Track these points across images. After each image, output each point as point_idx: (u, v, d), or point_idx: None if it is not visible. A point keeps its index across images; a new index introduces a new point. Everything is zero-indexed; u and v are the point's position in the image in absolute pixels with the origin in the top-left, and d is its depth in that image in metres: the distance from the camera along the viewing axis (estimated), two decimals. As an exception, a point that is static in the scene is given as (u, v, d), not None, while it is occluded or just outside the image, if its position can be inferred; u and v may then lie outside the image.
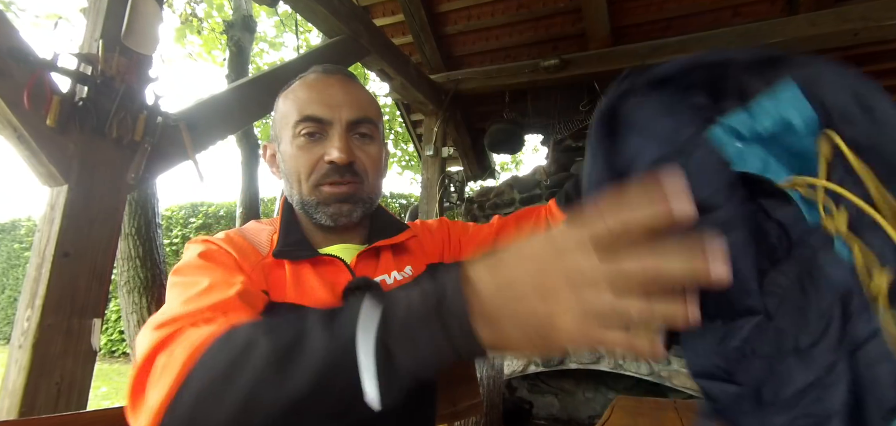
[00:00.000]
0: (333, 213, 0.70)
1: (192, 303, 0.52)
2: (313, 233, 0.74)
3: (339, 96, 0.70)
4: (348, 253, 0.72)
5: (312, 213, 0.70)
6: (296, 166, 0.69)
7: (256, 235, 0.70)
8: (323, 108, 0.69)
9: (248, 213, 4.70)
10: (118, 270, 3.49)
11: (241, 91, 2.01)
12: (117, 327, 7.37)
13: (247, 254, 0.65)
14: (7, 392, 1.21)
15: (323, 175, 0.69)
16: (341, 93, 0.70)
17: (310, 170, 0.69)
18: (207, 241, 0.65)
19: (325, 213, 0.70)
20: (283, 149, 0.72)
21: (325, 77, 0.72)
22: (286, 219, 0.73)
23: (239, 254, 0.64)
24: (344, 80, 0.73)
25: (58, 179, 1.30)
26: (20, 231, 9.02)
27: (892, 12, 2.41)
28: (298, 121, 0.68)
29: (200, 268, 0.59)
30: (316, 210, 0.70)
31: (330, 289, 0.66)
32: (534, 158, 15.87)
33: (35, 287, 1.26)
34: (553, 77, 3.20)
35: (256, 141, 5.07)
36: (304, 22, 5.52)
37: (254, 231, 0.71)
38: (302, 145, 0.69)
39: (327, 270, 0.68)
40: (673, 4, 2.99)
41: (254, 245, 0.68)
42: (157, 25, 1.51)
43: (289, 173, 0.71)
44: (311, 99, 0.69)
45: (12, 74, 1.20)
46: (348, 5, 2.53)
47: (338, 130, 0.68)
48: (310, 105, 0.69)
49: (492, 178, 4.73)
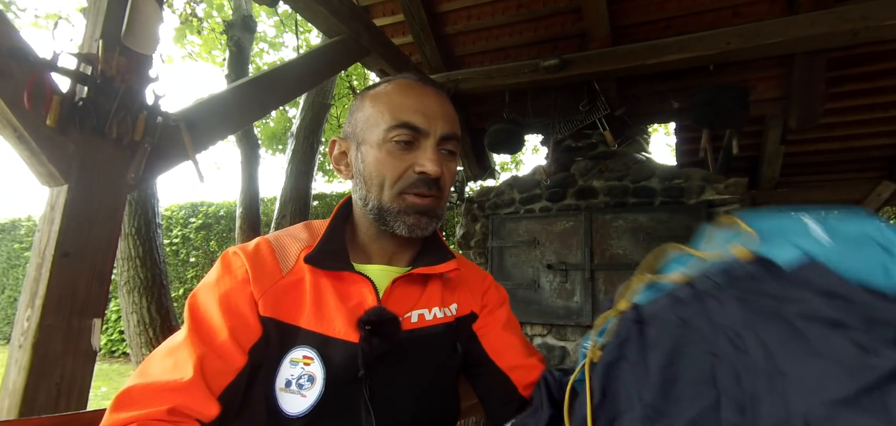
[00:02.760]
0: (412, 225, 0.68)
1: (162, 367, 0.57)
2: (362, 246, 0.73)
3: (436, 108, 0.68)
4: (386, 275, 0.71)
5: (390, 220, 0.68)
6: (382, 170, 0.67)
7: (288, 247, 0.69)
8: (420, 117, 0.67)
9: (248, 213, 4.70)
10: (118, 270, 3.49)
11: (241, 91, 2.01)
12: (117, 327, 7.37)
13: (264, 274, 0.65)
14: (7, 392, 1.21)
15: (410, 184, 0.67)
16: (437, 104, 0.69)
17: (397, 177, 0.67)
18: (225, 267, 0.66)
19: (404, 222, 0.68)
20: (366, 151, 0.69)
21: (421, 86, 0.70)
22: (334, 225, 0.72)
23: (256, 274, 0.64)
24: (438, 92, 0.71)
25: (58, 179, 1.30)
26: (20, 231, 9.02)
27: (892, 12, 2.41)
28: (394, 126, 0.66)
29: (200, 310, 0.62)
30: (395, 218, 0.68)
31: (349, 314, 0.64)
32: (534, 158, 15.87)
33: (35, 287, 1.26)
34: (553, 77, 3.20)
35: (256, 141, 5.07)
36: (304, 22, 5.52)
37: (289, 240, 0.70)
38: (392, 151, 0.67)
39: (353, 291, 0.67)
40: (673, 4, 2.99)
41: (279, 260, 0.67)
42: (157, 25, 1.51)
43: (370, 176, 0.68)
44: (407, 106, 0.67)
45: (12, 74, 1.20)
46: (348, 5, 2.53)
47: (432, 142, 0.67)
48: (407, 112, 0.67)
49: (492, 178, 4.73)
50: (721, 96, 3.00)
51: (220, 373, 0.58)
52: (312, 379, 0.62)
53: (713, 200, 3.17)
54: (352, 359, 0.62)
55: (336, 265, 0.67)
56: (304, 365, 0.62)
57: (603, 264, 3.32)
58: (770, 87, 3.32)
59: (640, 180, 3.43)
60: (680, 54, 2.89)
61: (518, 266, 3.58)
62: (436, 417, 0.70)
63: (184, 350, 0.58)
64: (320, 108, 4.77)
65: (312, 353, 0.63)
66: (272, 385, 0.62)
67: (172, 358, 0.58)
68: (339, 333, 0.63)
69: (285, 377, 0.62)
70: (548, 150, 4.04)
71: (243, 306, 0.63)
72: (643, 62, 2.99)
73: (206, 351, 0.58)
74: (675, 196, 3.29)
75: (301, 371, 0.62)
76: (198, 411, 0.55)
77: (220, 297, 0.62)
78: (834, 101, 3.38)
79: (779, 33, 2.67)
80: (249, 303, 0.63)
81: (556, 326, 3.42)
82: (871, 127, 3.67)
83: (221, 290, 0.63)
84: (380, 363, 0.64)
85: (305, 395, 0.61)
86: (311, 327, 0.64)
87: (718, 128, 3.56)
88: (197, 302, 0.63)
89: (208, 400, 0.56)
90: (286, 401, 0.61)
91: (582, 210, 3.49)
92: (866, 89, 3.30)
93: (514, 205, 3.80)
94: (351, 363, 0.62)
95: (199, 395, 0.56)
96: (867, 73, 3.17)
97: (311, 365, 0.62)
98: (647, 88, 3.53)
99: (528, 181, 3.82)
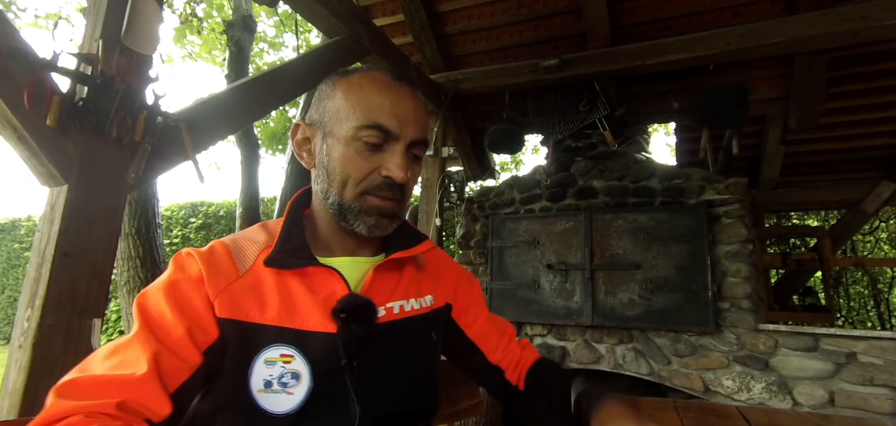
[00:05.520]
0: (373, 225, 0.67)
1: (107, 364, 0.54)
2: (324, 240, 0.71)
3: (409, 111, 0.66)
4: (355, 267, 0.70)
5: (350, 218, 0.67)
6: (346, 169, 0.65)
7: (245, 248, 0.67)
8: (393, 119, 0.65)
9: (248, 212, 4.70)
10: (118, 270, 3.49)
11: (241, 91, 2.01)
12: (117, 327, 7.37)
13: (219, 275, 0.63)
14: (7, 392, 1.21)
15: (375, 186, 0.66)
16: (411, 107, 0.67)
17: (362, 177, 0.65)
18: (178, 267, 0.64)
19: (364, 222, 0.67)
20: (332, 144, 0.66)
21: (396, 85, 0.67)
22: (290, 224, 0.69)
23: (210, 275, 0.62)
24: (413, 93, 0.69)
25: (58, 179, 1.30)
26: (20, 231, 9.02)
27: (892, 12, 2.41)
28: (365, 126, 0.64)
29: (151, 308, 0.60)
30: (356, 217, 0.67)
31: (322, 305, 0.63)
32: (534, 158, 15.88)
33: (35, 287, 1.26)
34: (553, 77, 3.20)
35: (256, 141, 5.07)
36: (304, 22, 5.52)
37: (247, 242, 0.68)
38: (360, 151, 0.65)
39: (322, 284, 0.65)
40: (673, 4, 2.99)
41: (236, 261, 0.65)
42: (157, 25, 1.51)
43: (334, 172, 0.66)
44: (381, 106, 0.65)
45: (12, 74, 1.20)
46: (348, 5, 2.53)
47: (401, 147, 0.66)
48: (381, 113, 0.64)
49: (492, 178, 4.73)
50: (721, 96, 3.00)
51: (174, 371, 0.56)
52: (297, 376, 0.61)
53: (713, 200, 3.17)
54: (333, 349, 0.62)
55: (299, 262, 0.65)
56: (283, 363, 0.61)
57: (603, 264, 3.32)
58: (770, 87, 3.32)
59: (640, 180, 3.43)
60: (680, 54, 2.89)
61: (518, 266, 3.58)
62: (419, 405, 0.71)
63: (134, 347, 0.56)
64: (320, 108, 4.76)
65: (291, 351, 0.61)
66: (246, 388, 0.60)
67: (119, 356, 0.55)
68: (316, 326, 0.62)
69: (262, 378, 0.60)
70: (548, 150, 4.04)
71: (198, 306, 0.61)
72: (643, 62, 2.99)
73: (160, 347, 0.56)
74: (675, 196, 3.29)
75: (281, 369, 0.60)
76: (149, 408, 0.53)
77: (173, 296, 0.60)
78: (834, 101, 3.38)
79: (779, 33, 2.67)
80: (204, 304, 0.61)
81: (556, 326, 3.42)
82: (871, 127, 3.67)
83: (175, 290, 0.61)
84: (363, 351, 0.64)
85: (292, 392, 0.60)
86: (284, 323, 0.62)
87: (718, 128, 3.57)
88: (147, 301, 0.60)
89: (161, 397, 0.54)
90: (270, 401, 0.59)
91: (582, 210, 3.49)
92: (866, 89, 3.30)
93: (514, 205, 3.80)
94: (332, 354, 0.61)
95: (152, 391, 0.54)
96: (867, 73, 3.18)
97: (292, 362, 0.61)
98: (647, 88, 3.53)
99: (528, 181, 3.82)
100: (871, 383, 2.59)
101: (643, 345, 3.17)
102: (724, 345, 2.97)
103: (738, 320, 2.96)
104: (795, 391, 2.75)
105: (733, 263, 3.03)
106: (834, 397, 2.66)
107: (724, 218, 3.13)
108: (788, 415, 1.42)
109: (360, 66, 0.70)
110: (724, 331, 2.98)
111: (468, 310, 0.86)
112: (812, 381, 2.72)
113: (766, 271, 4.39)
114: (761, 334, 2.88)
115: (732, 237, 3.07)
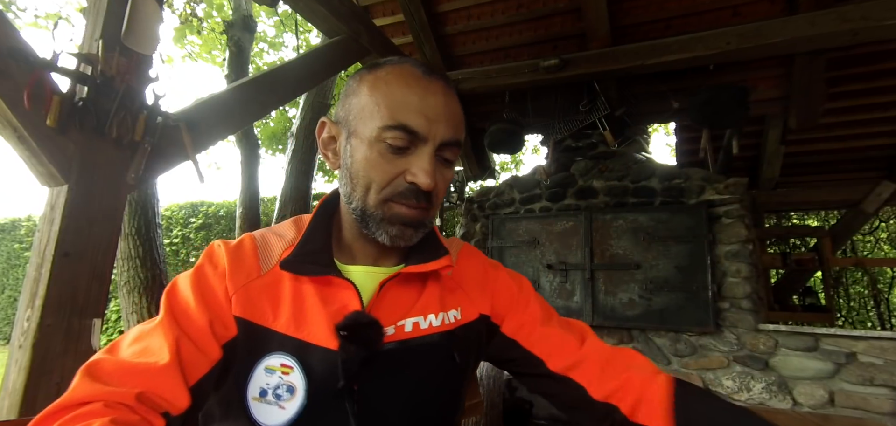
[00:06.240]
0: (395, 236, 0.62)
1: (132, 350, 0.54)
2: (347, 245, 0.68)
3: (440, 108, 0.60)
4: (370, 278, 0.65)
5: (372, 226, 0.62)
6: (369, 173, 0.60)
7: (273, 245, 0.65)
8: (421, 119, 0.58)
9: (248, 213, 4.70)
10: (118, 270, 3.49)
11: (241, 91, 2.01)
12: (117, 327, 7.37)
13: (241, 271, 0.61)
14: (7, 392, 1.21)
15: (399, 193, 0.60)
16: (442, 104, 0.60)
17: (386, 183, 0.60)
18: (208, 257, 0.63)
19: (386, 231, 0.62)
20: (356, 145, 0.61)
21: (426, 79, 0.61)
22: (315, 224, 0.66)
23: (232, 270, 0.61)
24: (446, 88, 0.62)
25: (58, 179, 1.30)
26: (20, 231, 9.02)
27: (892, 12, 2.41)
28: (389, 126, 0.58)
29: (180, 294, 0.59)
30: (378, 225, 0.62)
31: (331, 318, 0.58)
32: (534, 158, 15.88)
33: (35, 287, 1.26)
34: (553, 77, 3.20)
35: (256, 141, 5.07)
36: (304, 22, 5.52)
37: (274, 238, 0.66)
38: (384, 153, 0.59)
39: (335, 295, 0.61)
40: (673, 4, 2.99)
41: (260, 258, 0.63)
42: (157, 25, 1.51)
43: (357, 175, 0.61)
44: (408, 104, 0.58)
45: (12, 74, 1.20)
46: (348, 5, 2.53)
47: (429, 150, 0.59)
48: (406, 111, 0.58)
49: (492, 178, 4.73)
50: (721, 96, 3.00)
51: (195, 363, 0.55)
52: (292, 389, 0.56)
53: (713, 200, 3.18)
54: (332, 367, 0.57)
55: (315, 269, 0.61)
56: (282, 374, 0.57)
57: (603, 264, 3.32)
58: (770, 87, 3.32)
59: (640, 180, 3.43)
60: (680, 54, 2.89)
61: (518, 266, 3.58)
62: None
63: (158, 334, 0.54)
64: (320, 108, 4.77)
65: (291, 361, 0.57)
66: (244, 393, 0.57)
67: (144, 342, 0.54)
68: (319, 339, 0.58)
69: (260, 386, 0.57)
70: (548, 150, 4.04)
71: (221, 299, 0.59)
72: (643, 62, 2.99)
73: (181, 334, 0.55)
74: (675, 196, 3.29)
75: (279, 380, 0.57)
76: (168, 400, 0.51)
77: (199, 286, 0.59)
78: (834, 101, 3.38)
79: (779, 33, 2.67)
80: (225, 299, 0.59)
81: (556, 326, 3.42)
82: (871, 127, 3.68)
83: (202, 280, 0.60)
84: (367, 374, 0.58)
85: (284, 407, 0.56)
86: (288, 331, 0.58)
87: (718, 128, 3.57)
88: (176, 288, 0.60)
89: (181, 389, 0.52)
90: (261, 411, 0.56)
91: (582, 210, 3.49)
92: (866, 89, 3.31)
93: (514, 205, 3.80)
94: (332, 372, 0.56)
95: (173, 382, 0.52)
96: (867, 72, 3.18)
97: (290, 374, 0.57)
98: (647, 88, 3.53)
99: (528, 181, 3.82)
100: (871, 383, 2.59)
101: (643, 345, 3.17)
102: (724, 345, 2.97)
103: (738, 320, 2.96)
104: (795, 391, 2.75)
105: (733, 263, 3.03)
106: (834, 397, 2.66)
107: (724, 218, 3.13)
108: (788, 415, 1.42)
109: (391, 59, 0.64)
110: (724, 331, 2.98)
111: (512, 312, 0.73)
112: (812, 381, 2.73)
113: (766, 271, 4.39)
114: (761, 334, 2.89)
115: (732, 237, 3.07)
